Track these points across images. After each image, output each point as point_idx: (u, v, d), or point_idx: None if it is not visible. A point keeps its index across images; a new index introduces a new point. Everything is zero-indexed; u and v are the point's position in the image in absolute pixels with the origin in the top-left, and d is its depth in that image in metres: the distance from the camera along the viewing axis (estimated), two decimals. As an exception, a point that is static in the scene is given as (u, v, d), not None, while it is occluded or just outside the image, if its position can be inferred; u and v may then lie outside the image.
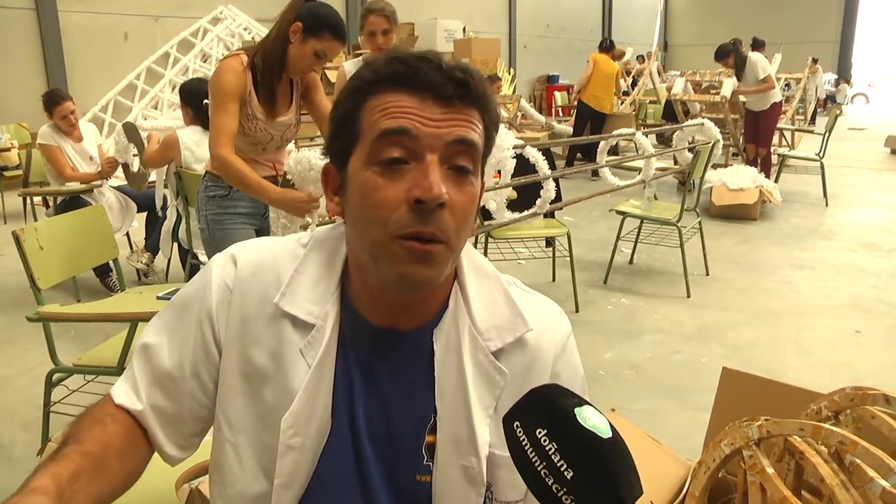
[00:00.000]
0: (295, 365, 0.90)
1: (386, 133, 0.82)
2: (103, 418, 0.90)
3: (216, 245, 2.67)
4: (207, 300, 0.93)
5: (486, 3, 18.15)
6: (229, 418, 0.92)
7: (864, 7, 25.29)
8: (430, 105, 0.82)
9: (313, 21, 2.41)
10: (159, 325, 0.96)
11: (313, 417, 0.89)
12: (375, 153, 0.83)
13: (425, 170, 0.81)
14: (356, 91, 0.86)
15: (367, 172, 0.84)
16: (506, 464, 0.91)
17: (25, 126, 8.81)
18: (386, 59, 0.85)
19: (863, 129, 15.96)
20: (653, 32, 26.33)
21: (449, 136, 0.82)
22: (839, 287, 4.67)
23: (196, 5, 10.79)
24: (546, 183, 3.39)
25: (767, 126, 7.35)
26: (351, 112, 0.86)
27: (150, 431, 0.93)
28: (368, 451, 0.91)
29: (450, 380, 0.91)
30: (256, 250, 0.97)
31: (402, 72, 0.83)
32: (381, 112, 0.83)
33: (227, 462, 0.93)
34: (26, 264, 2.34)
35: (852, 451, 1.15)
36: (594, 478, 0.69)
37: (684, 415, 2.93)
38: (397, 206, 0.81)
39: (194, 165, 3.79)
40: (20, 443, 2.76)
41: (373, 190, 0.82)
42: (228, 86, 2.41)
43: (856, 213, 7.03)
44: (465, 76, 0.83)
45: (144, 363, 0.94)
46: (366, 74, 0.86)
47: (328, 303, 0.91)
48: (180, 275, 4.36)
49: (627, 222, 4.76)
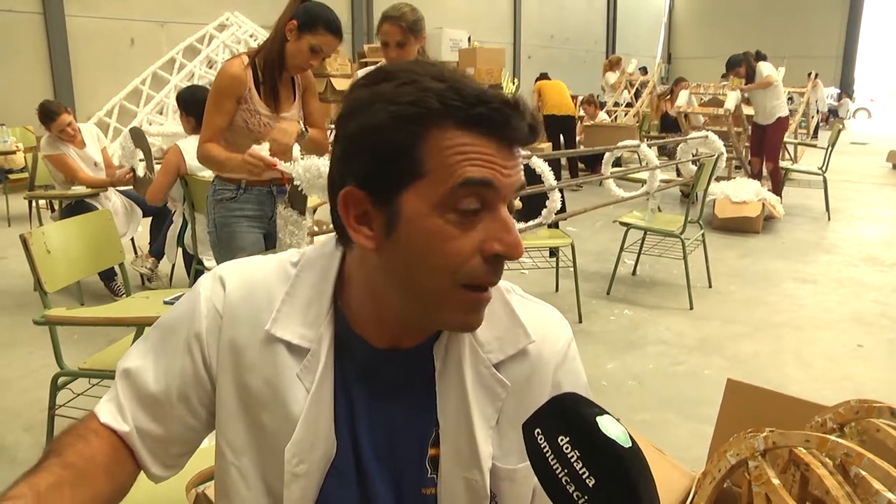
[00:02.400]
0: (292, 390, 0.87)
1: (470, 183, 0.76)
2: (87, 434, 0.87)
3: (223, 247, 2.72)
4: (196, 324, 0.90)
5: (491, 12, 18.22)
6: (230, 442, 0.91)
7: (867, 22, 25.39)
8: (504, 151, 0.78)
9: (307, 18, 2.52)
10: (144, 349, 0.93)
11: (317, 443, 0.87)
12: (453, 201, 0.77)
13: (504, 224, 0.79)
14: (415, 120, 0.76)
15: (438, 219, 0.77)
16: (508, 476, 0.91)
17: (31, 129, 8.83)
18: (459, 92, 0.77)
19: (865, 144, 15.98)
20: (657, 44, 26.39)
21: (517, 184, 0.80)
22: (841, 301, 4.67)
23: (202, 12, 10.83)
24: (552, 193, 3.41)
25: (773, 140, 7.31)
26: (405, 144, 0.77)
27: (136, 452, 0.90)
28: (374, 468, 0.90)
29: (451, 393, 0.90)
30: (245, 272, 0.93)
31: (488, 115, 0.76)
32: (461, 157, 0.76)
33: (233, 484, 0.91)
34: (34, 268, 2.34)
35: (858, 463, 1.16)
36: (616, 486, 0.69)
37: (686, 426, 2.93)
38: (470, 258, 0.78)
39: (199, 173, 3.80)
40: (23, 445, 2.76)
41: (447, 239, 0.77)
42: (225, 85, 2.57)
43: (858, 228, 7.04)
44: (534, 122, 0.79)
45: (128, 387, 0.91)
46: (433, 104, 0.76)
47: (321, 325, 0.88)
48: (185, 280, 4.37)
49: (631, 233, 4.76)
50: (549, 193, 3.42)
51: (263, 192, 2.74)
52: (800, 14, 24.36)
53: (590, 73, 17.17)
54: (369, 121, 0.78)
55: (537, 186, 3.39)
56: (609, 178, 4.51)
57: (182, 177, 3.87)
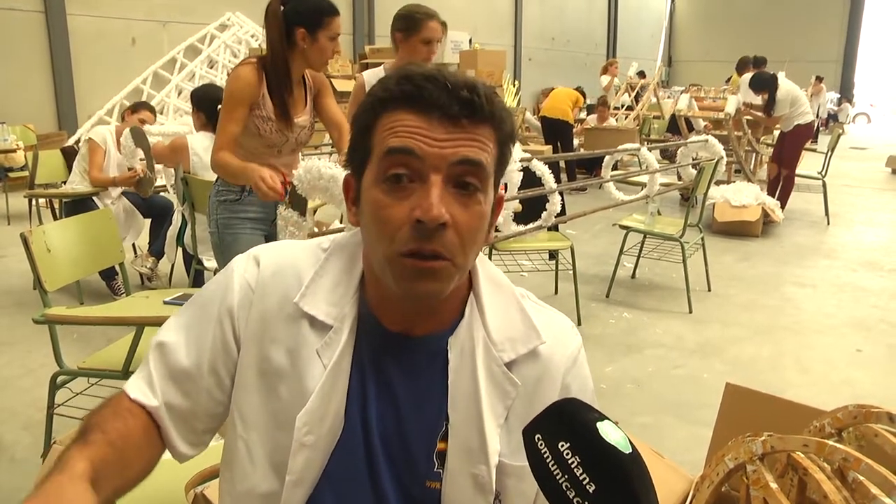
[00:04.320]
0: (311, 365, 0.91)
1: (391, 152, 0.84)
2: (122, 412, 0.91)
3: (225, 249, 2.70)
4: (229, 298, 0.95)
5: (492, 15, 18.23)
6: (243, 414, 0.93)
7: (867, 27, 25.42)
8: (437, 125, 0.83)
9: (310, 18, 2.51)
10: (178, 323, 0.98)
11: (327, 416, 0.90)
12: (382, 170, 0.85)
13: (427, 191, 0.83)
14: (370, 107, 0.88)
15: (375, 189, 0.86)
16: (515, 473, 0.93)
17: (31, 128, 8.83)
18: (396, 77, 0.86)
19: (864, 149, 15.98)
20: (657, 47, 26.42)
21: (453, 156, 0.83)
22: (840, 306, 4.68)
23: (204, 12, 10.84)
24: (552, 196, 3.41)
25: (789, 147, 7.19)
26: (366, 127, 0.88)
27: (162, 428, 0.94)
28: (380, 453, 0.92)
29: (463, 388, 0.92)
30: (279, 252, 0.99)
31: (410, 91, 0.84)
32: (388, 131, 0.85)
33: (238, 459, 0.94)
34: (34, 267, 2.34)
35: (856, 468, 1.16)
36: (616, 492, 0.70)
37: (685, 429, 2.94)
38: (401, 225, 0.83)
39: (202, 172, 3.80)
40: (22, 444, 2.76)
41: (380, 207, 0.85)
42: (237, 92, 2.52)
43: (857, 233, 7.04)
44: (470, 95, 0.84)
45: (160, 360, 0.95)
46: (378, 92, 0.87)
47: (346, 305, 0.93)
48: (184, 280, 4.37)
49: (630, 237, 4.77)
50: (549, 196, 3.42)
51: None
52: (800, 18, 24.38)
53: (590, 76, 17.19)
54: (355, 114, 0.91)
55: (537, 189, 3.39)
56: (609, 181, 4.51)
57: (183, 177, 3.88)
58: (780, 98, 6.98)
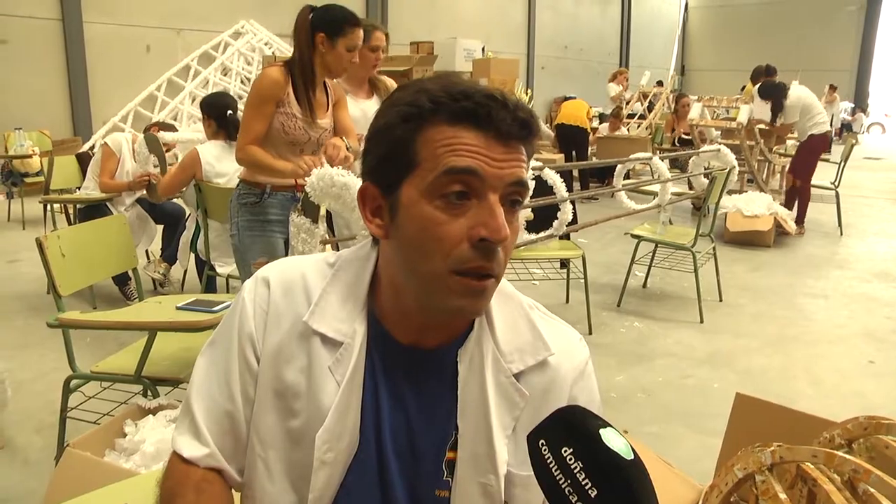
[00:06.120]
0: (324, 381, 0.92)
1: (454, 171, 0.83)
2: (202, 486, 0.94)
3: (245, 251, 2.78)
4: (247, 325, 0.95)
5: (505, 23, 18.26)
6: (260, 434, 0.95)
7: (882, 36, 25.25)
8: (494, 144, 0.84)
9: (332, 25, 2.65)
10: (206, 366, 0.99)
11: (344, 433, 0.91)
12: (439, 188, 0.83)
13: (490, 210, 0.83)
14: (411, 118, 0.85)
15: (427, 205, 0.84)
16: (522, 482, 0.94)
17: (47, 133, 8.92)
18: (448, 91, 0.84)
19: (879, 159, 15.87)
20: (670, 56, 26.38)
21: (510, 177, 0.85)
22: (853, 316, 4.65)
23: (218, 19, 10.92)
24: (563, 205, 3.41)
25: (801, 157, 7.10)
26: (404, 139, 0.85)
27: (223, 472, 0.97)
28: (392, 465, 0.93)
29: (472, 399, 0.93)
30: (285, 271, 0.99)
31: (471, 109, 0.83)
32: (446, 148, 0.83)
33: (258, 478, 0.95)
34: (48, 271, 2.37)
35: (866, 480, 1.16)
36: (617, 497, 0.71)
37: (695, 439, 2.93)
38: (459, 242, 0.83)
39: (215, 180, 3.83)
40: (35, 447, 2.78)
41: (436, 224, 0.84)
42: (264, 89, 2.66)
43: (870, 243, 7.00)
44: (528, 118, 0.85)
45: (201, 407, 0.96)
46: (424, 103, 0.85)
47: (356, 321, 0.94)
48: (197, 286, 4.39)
49: (642, 246, 4.76)
50: (560, 205, 3.42)
51: (287, 197, 2.81)
52: (814, 28, 24.26)
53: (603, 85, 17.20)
54: (380, 123, 0.89)
55: (549, 198, 3.39)
56: (621, 190, 4.51)
57: (196, 184, 3.90)
58: (789, 105, 6.92)
